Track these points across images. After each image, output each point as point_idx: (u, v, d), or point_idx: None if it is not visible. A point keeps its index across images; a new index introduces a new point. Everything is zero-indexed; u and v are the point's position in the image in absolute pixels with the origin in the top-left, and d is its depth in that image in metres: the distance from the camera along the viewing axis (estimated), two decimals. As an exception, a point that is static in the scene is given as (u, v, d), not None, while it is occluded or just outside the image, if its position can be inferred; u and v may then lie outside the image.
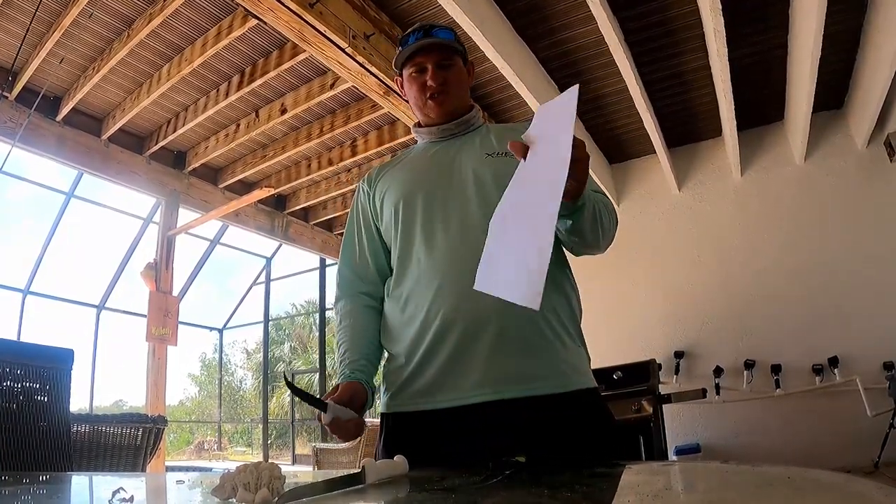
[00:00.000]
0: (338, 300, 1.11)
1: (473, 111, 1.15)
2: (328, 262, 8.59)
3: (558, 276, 0.99)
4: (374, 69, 3.21)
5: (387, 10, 3.29)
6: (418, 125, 1.16)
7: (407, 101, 1.16)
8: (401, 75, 1.13)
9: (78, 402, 8.25)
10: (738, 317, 4.35)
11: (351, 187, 5.56)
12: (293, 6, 2.70)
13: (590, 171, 0.85)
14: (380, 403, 1.04)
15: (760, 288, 4.30)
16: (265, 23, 3.04)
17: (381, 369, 1.06)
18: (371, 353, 1.04)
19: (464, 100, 1.13)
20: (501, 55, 3.06)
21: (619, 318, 4.64)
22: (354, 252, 1.13)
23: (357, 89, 3.74)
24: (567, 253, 1.02)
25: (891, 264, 3.92)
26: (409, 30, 1.10)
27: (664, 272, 4.60)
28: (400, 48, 1.09)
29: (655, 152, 4.48)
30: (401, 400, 0.98)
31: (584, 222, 0.88)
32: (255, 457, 14.16)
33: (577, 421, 0.90)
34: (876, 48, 3.33)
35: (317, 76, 4.02)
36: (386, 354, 1.06)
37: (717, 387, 4.19)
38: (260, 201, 5.57)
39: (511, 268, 0.76)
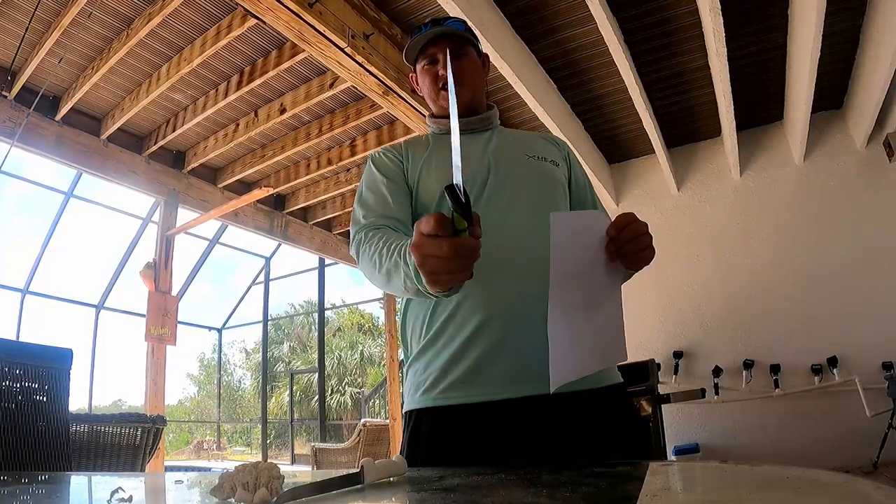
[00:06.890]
0: (356, 241, 0.95)
1: (494, 110, 1.13)
2: (327, 261, 8.60)
3: None
4: (373, 69, 3.21)
5: (386, 10, 3.29)
6: (433, 115, 1.13)
7: (422, 96, 1.13)
8: (414, 70, 1.12)
9: (77, 402, 8.27)
10: (736, 317, 4.35)
11: (350, 187, 5.55)
12: (292, 6, 2.70)
13: (589, 172, 0.84)
14: (406, 401, 0.99)
15: (759, 288, 4.31)
16: (264, 22, 3.04)
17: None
18: None
19: (480, 92, 1.10)
20: (501, 55, 3.06)
21: (618, 318, 4.65)
22: (376, 199, 0.99)
23: (356, 89, 3.74)
24: None
25: (890, 264, 3.92)
26: (420, 25, 1.08)
27: (663, 272, 4.60)
28: (410, 40, 1.07)
29: (654, 152, 4.48)
30: (433, 395, 0.94)
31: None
32: (254, 456, 14.16)
33: (611, 416, 0.91)
34: (875, 48, 3.33)
35: (316, 76, 4.01)
36: (414, 348, 0.99)
37: (716, 387, 4.19)
38: (259, 201, 5.56)
39: (586, 348, 0.81)
